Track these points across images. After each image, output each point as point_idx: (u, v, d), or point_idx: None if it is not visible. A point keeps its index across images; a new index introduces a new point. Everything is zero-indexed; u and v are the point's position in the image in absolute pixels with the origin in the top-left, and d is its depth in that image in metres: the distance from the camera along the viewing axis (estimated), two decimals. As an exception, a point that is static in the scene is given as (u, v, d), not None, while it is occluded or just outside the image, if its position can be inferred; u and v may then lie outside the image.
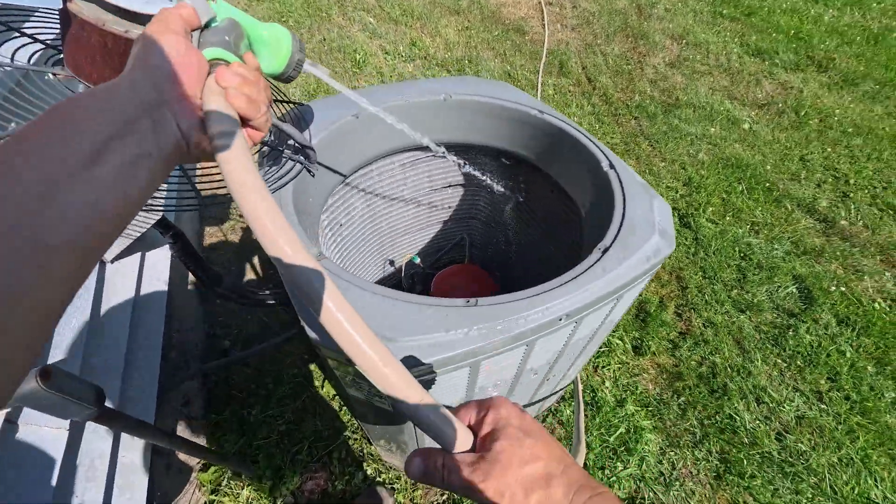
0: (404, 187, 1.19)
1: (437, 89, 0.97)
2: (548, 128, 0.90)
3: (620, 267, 0.57)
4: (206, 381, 1.25)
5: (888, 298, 1.53)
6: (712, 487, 1.12)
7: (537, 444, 0.28)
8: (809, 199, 1.84)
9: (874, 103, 2.27)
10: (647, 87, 2.44)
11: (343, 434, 1.18)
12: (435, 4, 3.13)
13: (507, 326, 0.51)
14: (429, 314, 0.51)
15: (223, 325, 1.41)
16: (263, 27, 0.43)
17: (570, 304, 0.53)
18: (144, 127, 0.28)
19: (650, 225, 0.64)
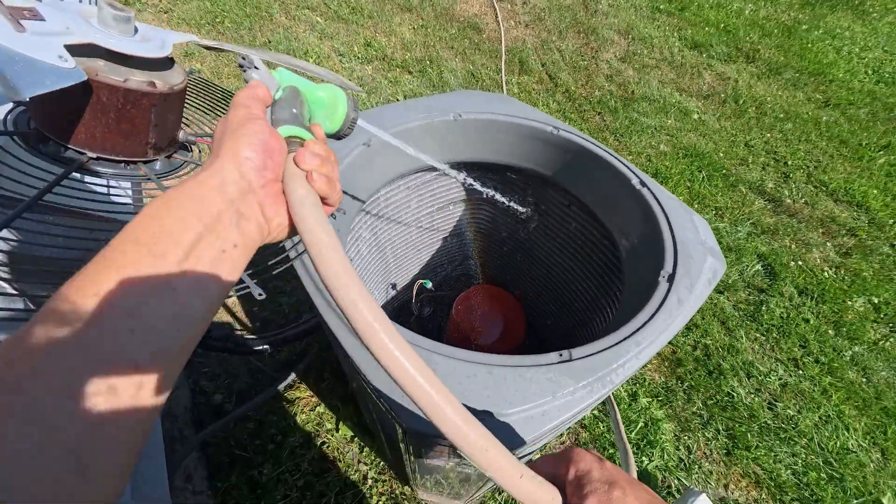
0: (408, 210, 1.13)
1: (445, 108, 0.92)
2: (566, 145, 0.89)
3: (692, 296, 0.58)
4: (205, 448, 1.11)
5: (833, 266, 1.74)
6: (725, 464, 1.21)
7: (626, 495, 0.29)
8: (758, 182, 2.04)
9: (796, 90, 2.55)
10: (605, 83, 2.54)
11: (370, 478, 1.11)
12: (385, 1, 3.00)
13: (608, 378, 0.49)
14: (530, 377, 0.47)
15: (210, 377, 1.27)
16: (320, 89, 0.42)
17: (660, 342, 0.52)
18: (229, 220, 0.28)
19: (700, 245, 0.66)
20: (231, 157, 0.29)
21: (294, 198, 0.31)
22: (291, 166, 0.32)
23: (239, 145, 0.30)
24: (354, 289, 0.28)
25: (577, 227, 1.00)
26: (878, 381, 1.42)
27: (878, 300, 1.63)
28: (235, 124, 0.31)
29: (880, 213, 1.91)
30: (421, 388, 0.28)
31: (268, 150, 0.30)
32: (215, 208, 0.27)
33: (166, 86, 0.47)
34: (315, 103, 0.42)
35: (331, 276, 0.29)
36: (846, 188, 2.01)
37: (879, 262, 1.76)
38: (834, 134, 2.27)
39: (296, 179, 0.31)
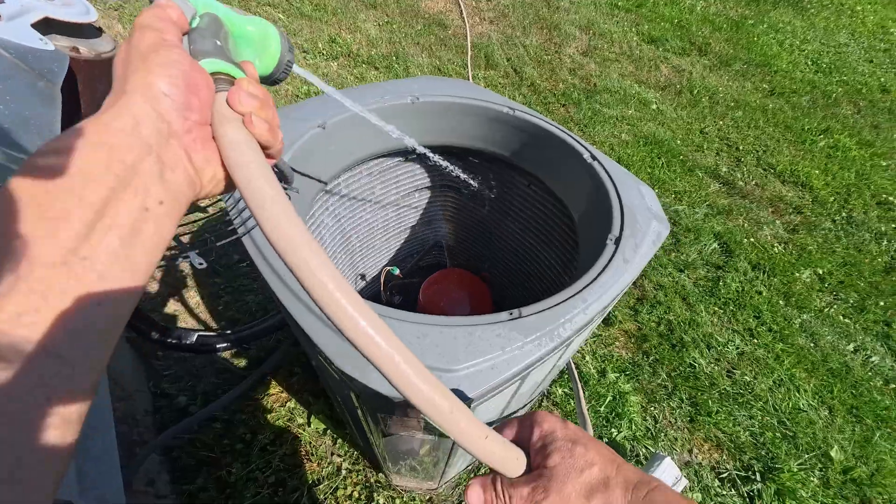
0: (372, 196, 1.12)
1: (403, 91, 0.93)
2: (522, 125, 0.91)
3: (637, 255, 0.60)
4: (167, 451, 1.07)
5: (781, 242, 1.85)
6: (689, 431, 1.27)
7: (588, 450, 0.30)
8: (713, 167, 2.14)
9: (745, 80, 2.70)
10: (568, 76, 2.61)
11: (344, 469, 1.09)
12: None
13: (556, 332, 0.50)
14: (479, 335, 0.48)
15: (173, 380, 1.22)
16: (248, 22, 0.35)
17: (606, 299, 0.55)
18: (149, 171, 0.23)
19: (646, 210, 0.69)
20: (143, 93, 0.24)
21: (228, 143, 0.26)
22: (223, 107, 0.28)
23: (152, 77, 0.24)
24: (305, 246, 0.25)
25: (538, 205, 1.03)
26: (824, 345, 1.52)
27: (822, 271, 1.74)
28: (144, 50, 0.25)
29: (822, 191, 2.05)
30: (383, 353, 0.26)
31: (191, 86, 0.25)
32: (129, 156, 0.22)
33: (92, 52, 0.45)
34: (241, 38, 0.35)
35: (277, 234, 0.25)
36: (792, 170, 2.14)
37: (822, 236, 1.88)
38: (779, 120, 2.42)
39: (230, 122, 0.27)
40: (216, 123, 0.27)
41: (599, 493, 0.28)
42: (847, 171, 2.15)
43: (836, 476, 1.21)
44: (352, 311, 0.25)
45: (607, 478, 0.28)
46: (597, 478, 0.28)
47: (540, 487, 0.28)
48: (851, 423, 1.33)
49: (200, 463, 1.07)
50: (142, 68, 0.24)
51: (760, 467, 1.20)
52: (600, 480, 0.28)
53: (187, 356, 1.26)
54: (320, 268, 0.25)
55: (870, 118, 2.49)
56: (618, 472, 0.29)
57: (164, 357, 1.26)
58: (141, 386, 1.15)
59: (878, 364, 1.48)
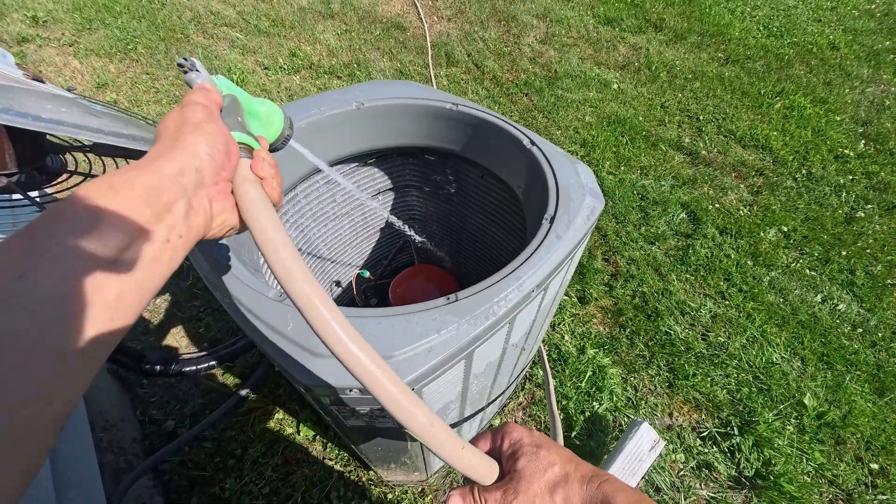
0: (334, 204, 1.15)
1: (348, 99, 0.95)
2: (465, 118, 0.94)
3: (570, 230, 0.64)
4: (158, 474, 1.09)
5: (746, 205, 1.91)
6: (668, 396, 1.31)
7: (550, 452, 0.34)
8: (676, 139, 2.19)
9: (700, 51, 2.76)
10: (529, 65, 2.65)
11: (336, 471, 1.12)
12: (305, 11, 2.99)
13: (491, 311, 0.53)
14: (416, 321, 0.51)
15: (160, 406, 1.23)
16: (259, 103, 0.44)
17: (540, 275, 0.58)
18: (179, 211, 0.28)
19: (580, 188, 0.72)
20: (191, 152, 0.30)
21: (250, 200, 0.33)
22: (247, 170, 0.35)
23: (202, 142, 0.31)
24: (307, 285, 0.30)
25: (493, 194, 1.06)
26: (793, 299, 1.57)
27: (787, 228, 1.80)
28: (197, 121, 0.32)
29: (781, 152, 2.11)
30: (369, 374, 0.30)
31: (228, 153, 0.32)
32: (167, 197, 0.27)
33: (12, 94, 0.47)
34: (252, 115, 0.44)
35: (289, 277, 0.30)
36: (751, 134, 2.20)
37: (785, 195, 1.94)
38: (736, 87, 2.48)
39: (250, 183, 0.34)
40: (238, 182, 0.34)
41: (561, 488, 0.31)
42: (804, 130, 2.21)
43: (811, 422, 1.26)
44: (346, 339, 0.30)
45: (567, 474, 0.32)
46: (558, 475, 0.32)
47: (511, 489, 0.32)
48: (823, 371, 1.39)
49: (193, 482, 1.09)
50: (193, 133, 0.31)
51: (738, 422, 1.24)
52: (561, 477, 0.32)
53: (171, 381, 1.28)
54: (322, 303, 0.30)
55: (822, 76, 2.57)
56: (576, 469, 0.32)
57: (150, 384, 1.27)
58: (126, 415, 1.17)
59: (844, 311, 1.54)
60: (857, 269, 1.66)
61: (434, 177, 1.19)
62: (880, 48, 2.81)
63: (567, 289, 1.56)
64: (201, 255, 0.59)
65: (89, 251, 0.23)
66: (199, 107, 0.33)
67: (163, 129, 0.32)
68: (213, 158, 0.31)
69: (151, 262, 0.26)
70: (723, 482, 1.15)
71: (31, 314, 0.20)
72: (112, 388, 1.19)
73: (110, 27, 2.65)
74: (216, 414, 1.16)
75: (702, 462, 1.18)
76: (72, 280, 0.22)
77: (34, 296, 0.20)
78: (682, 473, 1.16)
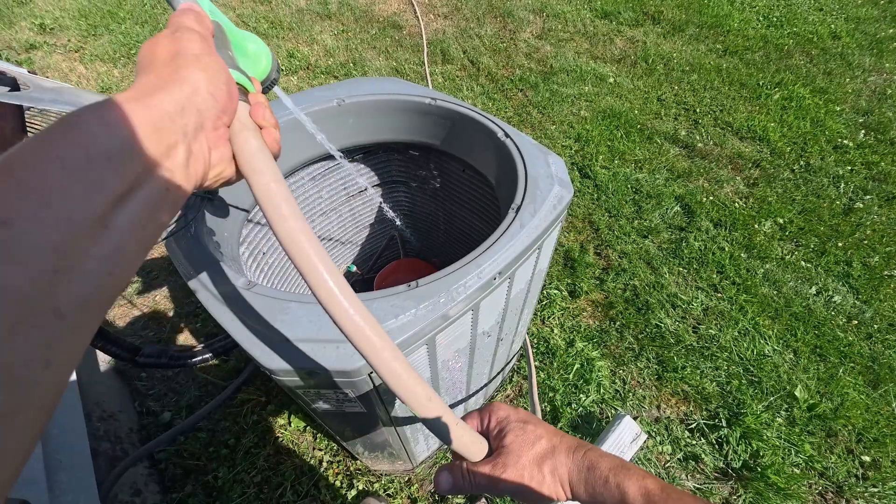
0: (320, 200, 1.17)
1: (329, 96, 0.97)
2: (444, 112, 0.95)
3: (534, 219, 0.65)
4: (154, 463, 1.12)
5: (742, 197, 1.89)
6: (657, 388, 1.31)
7: (537, 427, 0.35)
8: (672, 132, 2.18)
9: (698, 43, 2.73)
10: (524, 61, 2.65)
11: (325, 461, 1.14)
12: (303, 12, 3.02)
13: (449, 297, 0.55)
14: (375, 307, 0.53)
15: (157, 398, 1.27)
16: (246, 38, 0.39)
17: (501, 262, 0.59)
18: (180, 158, 0.25)
19: (550, 178, 0.73)
20: (192, 88, 0.25)
21: (251, 150, 0.29)
22: (246, 117, 0.31)
23: (203, 78, 0.26)
24: (310, 246, 0.29)
25: (475, 187, 1.07)
26: (787, 291, 1.56)
27: (782, 220, 1.78)
28: (196, 51, 0.27)
29: (779, 143, 2.08)
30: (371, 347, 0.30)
31: (230, 94, 0.28)
32: (168, 138, 0.24)
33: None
34: (238, 49, 0.38)
35: (289, 236, 0.29)
36: (749, 126, 2.17)
37: (782, 186, 1.92)
38: (734, 79, 2.45)
39: (250, 131, 0.30)
40: (237, 130, 0.30)
41: (548, 459, 0.33)
42: (802, 121, 2.18)
43: (802, 414, 1.25)
44: (352, 312, 0.30)
45: (553, 446, 0.33)
46: (545, 448, 0.33)
47: (500, 463, 0.33)
48: (816, 363, 1.38)
49: (188, 471, 1.12)
50: (193, 66, 0.26)
51: (726, 414, 1.24)
52: (548, 449, 0.33)
53: (168, 374, 1.31)
54: (326, 270, 0.30)
55: (822, 66, 2.52)
56: (561, 441, 0.34)
57: (148, 378, 1.31)
58: (125, 406, 1.21)
59: (839, 303, 1.52)
60: (854, 261, 1.64)
61: (419, 172, 1.21)
62: (883, 36, 2.75)
63: (557, 282, 1.57)
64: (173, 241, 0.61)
65: (83, 195, 0.19)
66: (194, 34, 0.28)
67: (151, 56, 0.27)
68: (216, 99, 0.27)
69: (150, 216, 0.23)
70: (709, 473, 1.15)
71: (22, 266, 0.17)
72: (111, 381, 1.24)
73: (114, 33, 2.71)
74: (210, 406, 1.19)
75: (688, 454, 1.18)
76: (65, 227, 0.18)
77: (23, 245, 0.17)
78: (668, 465, 1.16)
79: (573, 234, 1.74)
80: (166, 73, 0.25)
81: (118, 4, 2.96)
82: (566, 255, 1.66)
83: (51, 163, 0.19)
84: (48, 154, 0.19)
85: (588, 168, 1.96)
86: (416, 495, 1.10)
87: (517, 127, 2.21)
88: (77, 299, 0.19)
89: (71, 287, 0.18)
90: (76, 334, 0.19)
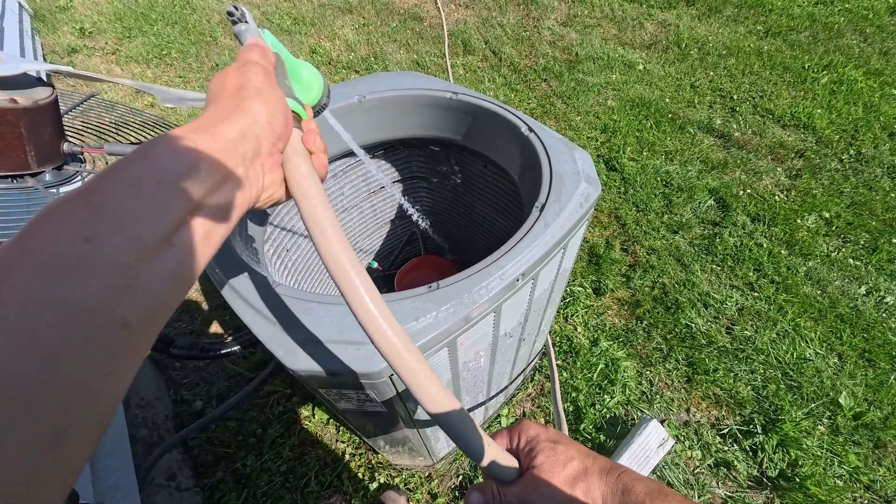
0: (342, 196, 1.18)
1: (350, 93, 0.96)
2: (465, 107, 0.93)
3: (559, 218, 0.62)
4: (188, 449, 1.18)
5: (783, 189, 1.77)
6: (686, 391, 1.26)
7: (568, 448, 0.34)
8: (706, 121, 2.06)
9: (737, 25, 2.56)
10: (548, 49, 2.57)
11: (348, 453, 1.17)
12: (325, 7, 3.04)
13: (471, 300, 0.53)
14: (396, 309, 0.52)
15: (189, 387, 1.33)
16: (301, 66, 0.41)
17: (524, 264, 0.57)
18: (237, 182, 0.27)
19: (576, 174, 0.70)
20: (252, 118, 0.28)
21: (301, 174, 0.32)
22: (298, 143, 0.33)
23: (264, 109, 0.29)
24: (354, 272, 0.31)
25: (497, 183, 1.05)
26: (832, 291, 1.45)
27: (829, 215, 1.66)
28: (259, 84, 0.30)
29: (826, 130, 1.93)
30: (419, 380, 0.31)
31: (286, 123, 0.31)
32: (229, 164, 0.26)
33: (30, 101, 0.52)
34: (294, 77, 0.40)
35: (331, 255, 0.30)
36: (792, 112, 2.03)
37: (829, 177, 1.79)
38: (776, 62, 2.29)
39: (301, 156, 0.33)
40: (290, 155, 0.32)
41: (581, 481, 0.32)
42: (853, 106, 2.01)
43: (847, 422, 1.18)
44: (396, 341, 0.31)
45: (586, 468, 0.32)
46: (577, 469, 0.32)
47: (531, 485, 0.33)
48: (863, 368, 1.28)
49: (218, 458, 1.17)
50: (255, 98, 0.29)
51: (762, 420, 1.18)
52: (580, 471, 0.32)
53: (199, 365, 1.37)
54: (367, 293, 0.31)
55: (878, 45, 2.31)
56: (594, 462, 0.33)
57: (181, 367, 1.38)
58: (161, 394, 1.27)
59: (893, 304, 1.41)
60: (911, 259, 1.51)
61: (440, 167, 1.19)
62: (953, 10, 2.49)
63: (581, 279, 1.52)
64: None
65: (152, 217, 0.21)
66: (258, 68, 0.31)
67: (220, 88, 0.30)
68: (273, 128, 0.29)
69: (207, 235, 0.25)
70: (742, 482, 1.10)
71: (98, 281, 0.19)
72: (148, 370, 1.30)
73: (147, 34, 2.81)
74: (238, 396, 1.23)
75: (720, 460, 1.13)
76: (135, 246, 0.20)
77: (100, 261, 0.19)
78: (697, 471, 1.11)
79: (598, 230, 1.69)
80: (231, 105, 0.28)
81: (150, 6, 3.06)
82: (591, 251, 1.61)
83: (127, 187, 0.21)
84: (125, 179, 0.21)
85: (615, 160, 1.89)
86: (437, 491, 1.10)
87: (540, 118, 2.15)
88: (141, 312, 0.21)
89: (136, 301, 0.20)
90: (138, 345, 0.21)
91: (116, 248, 0.20)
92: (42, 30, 2.82)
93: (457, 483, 1.12)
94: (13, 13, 2.58)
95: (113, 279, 0.19)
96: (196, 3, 3.07)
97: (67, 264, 0.18)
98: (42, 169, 0.57)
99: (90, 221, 0.19)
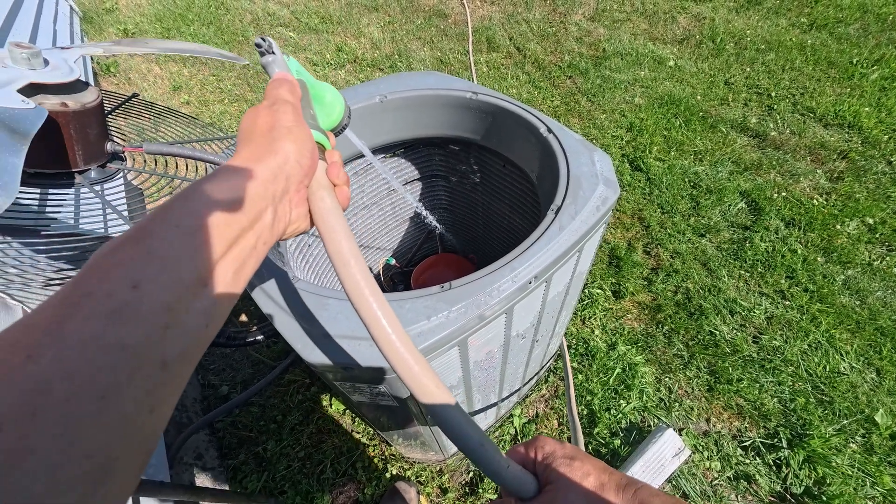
0: (362, 194, 1.20)
1: (372, 92, 0.98)
2: (484, 107, 0.93)
3: (575, 221, 0.62)
4: (214, 431, 1.24)
5: (823, 193, 1.68)
6: (707, 400, 1.22)
7: (584, 463, 0.34)
8: (740, 119, 1.97)
9: (778, 17, 2.43)
10: (574, 45, 2.51)
11: (362, 444, 1.20)
12: (352, 5, 3.08)
13: (483, 300, 0.54)
14: (409, 307, 0.54)
15: (216, 372, 1.40)
16: (324, 89, 0.42)
17: (537, 266, 0.57)
18: (267, 220, 0.29)
19: (594, 177, 0.69)
20: (283, 158, 0.30)
21: (326, 208, 0.33)
22: (323, 176, 0.34)
23: (294, 148, 0.30)
24: (375, 301, 0.32)
25: (515, 183, 1.05)
26: (872, 301, 1.37)
27: (873, 220, 1.56)
28: (289, 124, 0.31)
29: (874, 130, 1.81)
30: (436, 401, 0.32)
31: (313, 160, 0.32)
32: (260, 204, 0.28)
33: (78, 104, 0.56)
34: (317, 101, 0.42)
35: (355, 290, 0.32)
36: (836, 111, 1.91)
37: (874, 181, 1.67)
38: (821, 57, 2.15)
39: (325, 189, 0.34)
40: (315, 188, 0.34)
41: (597, 498, 0.32)
42: (907, 104, 1.87)
43: (883, 441, 1.11)
44: (414, 365, 0.31)
45: (602, 484, 0.33)
46: (594, 484, 0.33)
47: (549, 501, 0.33)
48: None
49: (241, 441, 1.23)
50: (287, 139, 0.31)
51: (788, 434, 1.13)
52: (597, 486, 0.33)
53: (226, 352, 1.44)
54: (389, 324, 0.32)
55: (939, 37, 2.14)
56: (610, 477, 0.33)
57: (209, 353, 1.45)
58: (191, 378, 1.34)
59: (941, 318, 1.31)
60: (965, 270, 1.40)
61: (459, 166, 1.20)
62: None
63: (601, 281, 1.50)
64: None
65: (191, 258, 0.23)
66: (289, 107, 0.33)
67: (253, 127, 0.31)
68: (302, 166, 0.31)
69: (238, 272, 0.26)
70: (763, 496, 1.06)
71: (141, 323, 0.20)
72: (178, 355, 1.38)
73: (184, 34, 2.94)
74: (261, 383, 1.29)
75: (740, 473, 1.09)
76: (177, 287, 0.22)
77: (145, 305, 0.20)
78: (715, 482, 1.08)
79: (620, 231, 1.65)
80: (264, 145, 0.30)
81: (188, 7, 3.19)
82: (611, 253, 1.58)
83: (171, 231, 0.23)
84: (169, 223, 0.23)
85: (640, 160, 1.84)
86: (447, 485, 1.12)
87: (564, 116, 2.11)
88: (180, 350, 0.21)
89: (175, 340, 0.21)
90: (176, 382, 0.22)
91: (160, 291, 0.21)
92: (90, 31, 2.99)
93: (467, 479, 1.13)
94: (65, 16, 2.76)
95: (155, 321, 0.20)
96: (230, 4, 3.19)
97: (117, 308, 0.19)
98: (88, 167, 0.61)
99: (139, 267, 0.21)
